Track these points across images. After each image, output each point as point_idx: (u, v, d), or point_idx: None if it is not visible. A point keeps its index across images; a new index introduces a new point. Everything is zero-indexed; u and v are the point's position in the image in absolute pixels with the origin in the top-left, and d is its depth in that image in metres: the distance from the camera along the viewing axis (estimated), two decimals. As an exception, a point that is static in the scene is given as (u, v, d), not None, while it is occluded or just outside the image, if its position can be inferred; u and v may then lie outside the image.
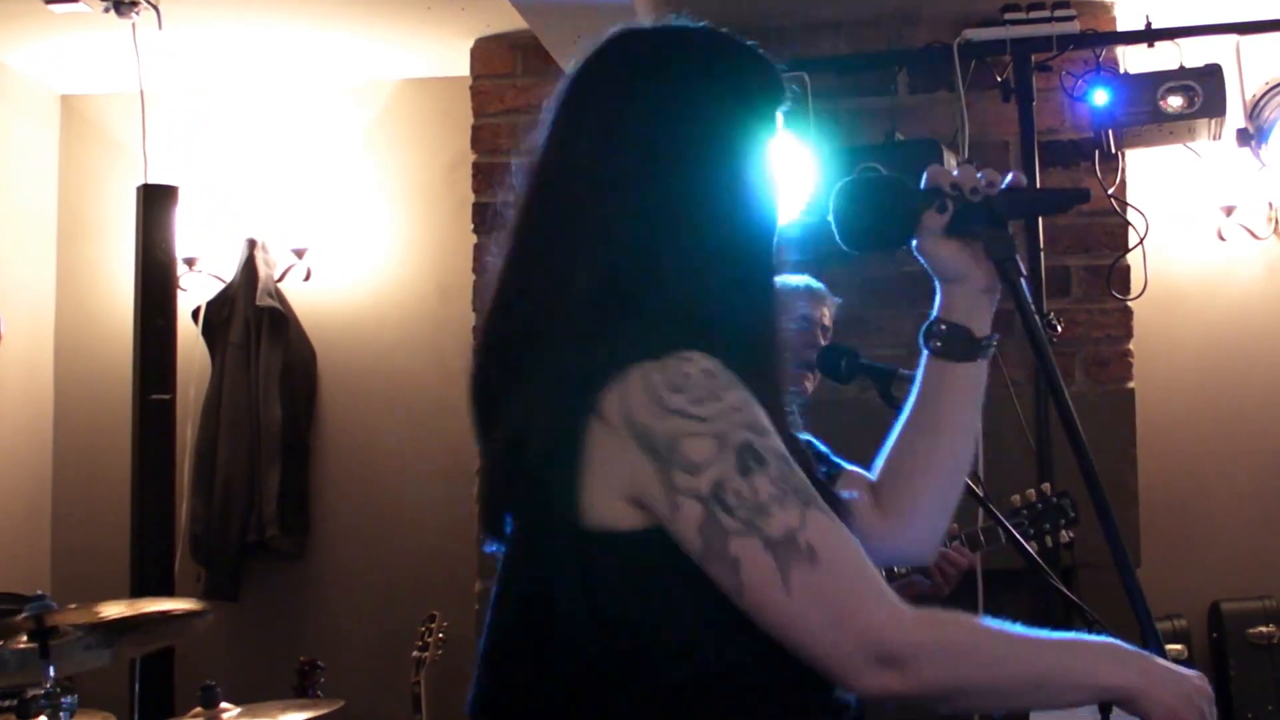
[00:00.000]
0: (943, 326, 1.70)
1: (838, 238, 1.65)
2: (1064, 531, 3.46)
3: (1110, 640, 1.50)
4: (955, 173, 1.64)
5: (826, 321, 3.30)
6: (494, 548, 1.61)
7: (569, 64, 1.69)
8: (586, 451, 1.44)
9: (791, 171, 1.45)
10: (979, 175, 1.63)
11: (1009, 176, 1.66)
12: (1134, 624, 1.54)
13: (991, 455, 3.57)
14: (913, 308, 3.96)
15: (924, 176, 1.65)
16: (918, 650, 1.40)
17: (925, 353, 1.72)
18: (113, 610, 3.13)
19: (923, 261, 1.68)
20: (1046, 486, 3.44)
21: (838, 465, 1.82)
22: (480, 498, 1.61)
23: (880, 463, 1.79)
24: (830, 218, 1.65)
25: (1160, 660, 1.49)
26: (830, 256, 1.92)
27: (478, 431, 1.63)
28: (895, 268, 4.32)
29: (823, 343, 3.29)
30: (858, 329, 4.17)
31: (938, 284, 1.70)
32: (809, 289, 3.26)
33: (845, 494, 1.74)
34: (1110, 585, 1.62)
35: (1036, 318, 1.58)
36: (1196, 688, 1.46)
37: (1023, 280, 1.63)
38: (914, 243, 1.67)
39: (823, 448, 1.71)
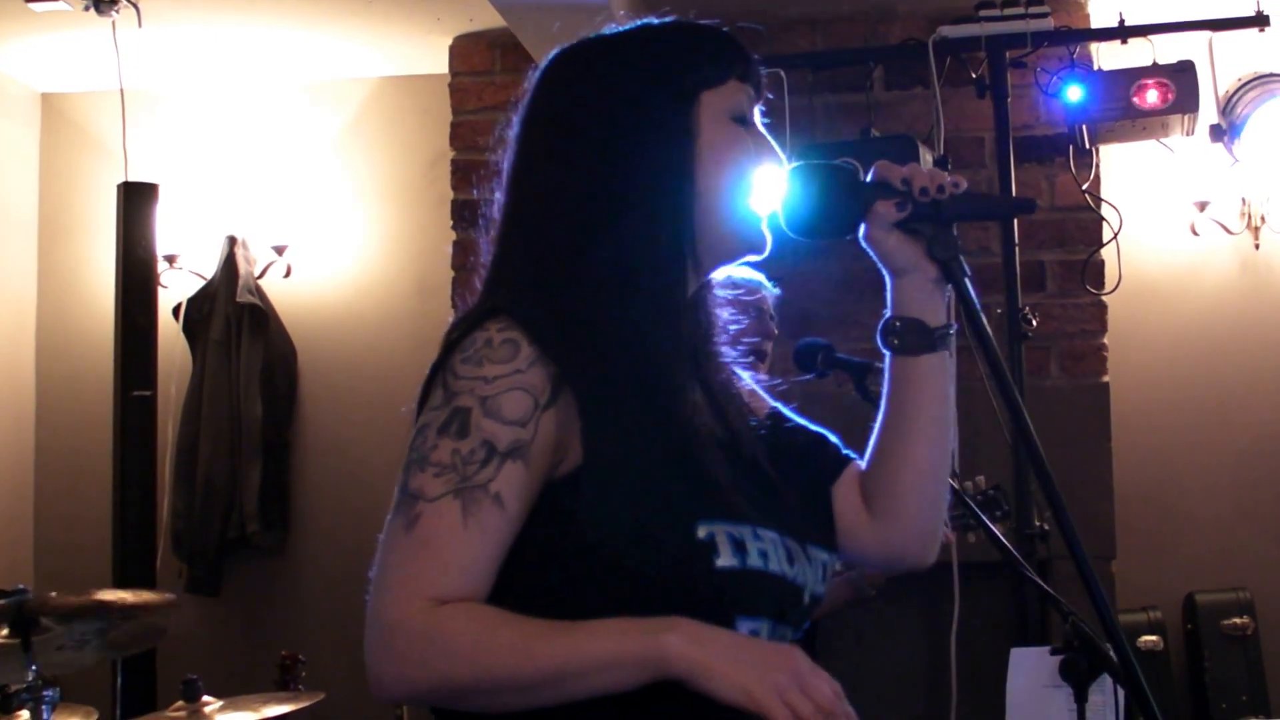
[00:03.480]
0: (897, 323, 1.66)
1: (783, 223, 1.62)
2: (996, 526, 3.45)
3: (675, 619, 1.38)
4: (904, 169, 1.62)
5: (770, 310, 3.33)
6: None
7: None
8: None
9: (764, 167, 1.46)
10: (949, 179, 1.60)
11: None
12: (1114, 614, 1.50)
13: (968, 451, 3.59)
14: (889, 303, 3.98)
15: (872, 171, 1.63)
16: (410, 644, 1.36)
17: (887, 353, 1.68)
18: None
19: (870, 252, 1.65)
20: (980, 480, 3.43)
21: (848, 457, 1.78)
22: None
23: (864, 467, 1.75)
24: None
25: (733, 634, 1.41)
26: (804, 253, 1.92)
27: None
28: (871, 262, 4.34)
29: (774, 330, 3.33)
30: (834, 324, 4.20)
31: (887, 278, 1.67)
32: (751, 281, 3.27)
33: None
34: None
35: (983, 318, 1.55)
36: (777, 661, 1.35)
37: (967, 280, 1.59)
38: (863, 230, 1.64)
39: (834, 439, 1.67)
